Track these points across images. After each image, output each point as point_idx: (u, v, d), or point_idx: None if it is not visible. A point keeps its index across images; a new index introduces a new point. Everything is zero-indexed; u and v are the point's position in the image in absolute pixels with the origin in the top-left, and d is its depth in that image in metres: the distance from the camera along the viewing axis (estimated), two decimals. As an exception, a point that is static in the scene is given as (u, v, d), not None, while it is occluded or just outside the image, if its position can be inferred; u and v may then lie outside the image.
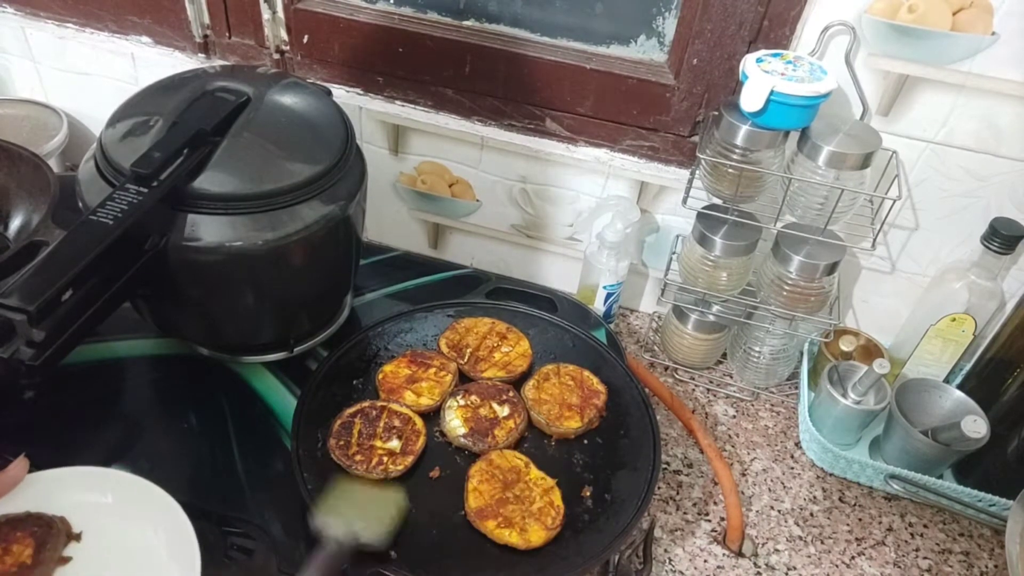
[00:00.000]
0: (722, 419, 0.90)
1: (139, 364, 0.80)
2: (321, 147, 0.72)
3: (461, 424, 0.72)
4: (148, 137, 0.67)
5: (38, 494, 0.60)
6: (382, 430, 0.70)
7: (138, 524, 0.60)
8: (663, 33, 0.86)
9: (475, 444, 0.71)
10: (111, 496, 0.62)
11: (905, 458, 0.81)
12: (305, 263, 0.72)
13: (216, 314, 0.75)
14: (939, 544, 0.79)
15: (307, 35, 0.93)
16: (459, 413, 0.73)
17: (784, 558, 0.76)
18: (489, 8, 0.89)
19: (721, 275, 0.86)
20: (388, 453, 0.69)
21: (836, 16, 0.75)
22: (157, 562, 0.59)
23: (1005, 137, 0.77)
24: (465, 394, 0.75)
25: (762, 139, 0.77)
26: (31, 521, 0.59)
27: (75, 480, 0.62)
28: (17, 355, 0.55)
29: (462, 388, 0.75)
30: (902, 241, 0.88)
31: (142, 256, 0.63)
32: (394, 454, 0.68)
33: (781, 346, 0.90)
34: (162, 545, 0.59)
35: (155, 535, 0.60)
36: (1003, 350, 0.82)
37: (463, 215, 1.03)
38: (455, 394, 0.75)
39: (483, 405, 0.74)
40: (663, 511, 0.79)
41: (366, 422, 0.71)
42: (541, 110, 0.90)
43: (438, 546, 0.64)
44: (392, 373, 0.76)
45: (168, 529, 0.59)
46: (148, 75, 1.01)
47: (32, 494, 0.60)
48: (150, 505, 0.61)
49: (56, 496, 0.61)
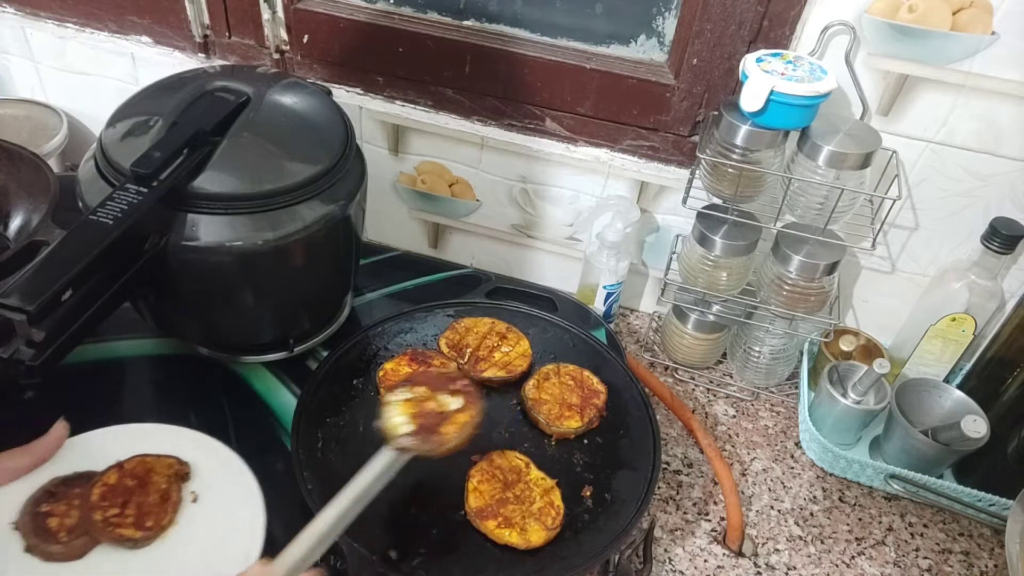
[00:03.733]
0: (722, 419, 0.90)
1: (139, 364, 0.80)
2: (321, 147, 0.72)
3: (407, 421, 0.59)
4: (148, 137, 0.67)
5: (82, 455, 0.61)
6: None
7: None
8: (663, 33, 0.86)
9: (420, 445, 0.58)
10: (155, 449, 0.63)
11: (905, 458, 0.81)
12: (305, 263, 0.72)
13: (216, 314, 0.75)
14: (939, 544, 0.79)
15: (307, 35, 0.93)
16: (404, 408, 0.61)
17: (784, 558, 0.76)
18: (489, 8, 0.89)
19: (721, 275, 0.86)
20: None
21: (836, 16, 0.75)
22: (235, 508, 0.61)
23: (1005, 137, 0.77)
24: (412, 385, 0.63)
25: (762, 139, 0.77)
26: (80, 481, 0.59)
27: (116, 438, 0.63)
28: (17, 355, 0.55)
29: (408, 379, 0.64)
30: (902, 241, 0.88)
31: (142, 256, 0.63)
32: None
33: (781, 346, 0.90)
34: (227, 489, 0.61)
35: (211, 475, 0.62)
36: (1003, 350, 0.82)
37: (463, 215, 1.03)
38: (398, 386, 0.63)
39: (431, 398, 0.62)
40: (663, 511, 0.79)
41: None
42: (541, 110, 0.90)
43: (438, 546, 0.64)
44: (393, 371, 0.76)
45: (220, 472, 0.61)
46: (148, 75, 1.01)
47: (77, 456, 0.61)
48: (200, 454, 0.63)
49: (101, 455, 0.61)
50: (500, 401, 0.77)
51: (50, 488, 0.58)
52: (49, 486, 0.58)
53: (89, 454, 0.61)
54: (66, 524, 0.57)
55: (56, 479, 0.59)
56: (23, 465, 0.56)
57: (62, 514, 0.57)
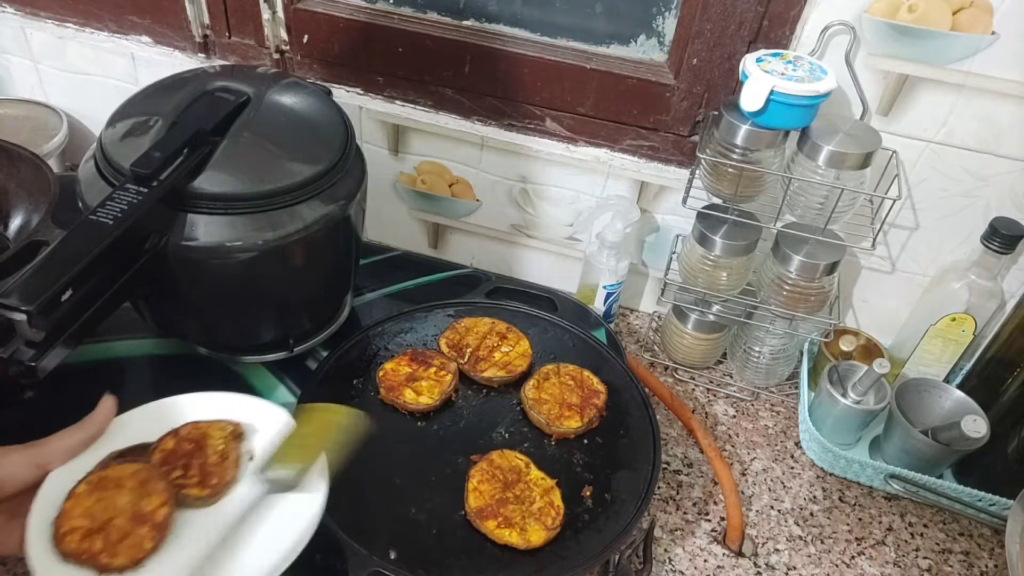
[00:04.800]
0: (722, 419, 0.90)
1: (139, 364, 0.80)
2: (321, 147, 0.71)
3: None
4: (148, 137, 0.67)
5: (134, 430, 0.60)
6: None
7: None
8: (663, 33, 0.86)
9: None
10: (207, 416, 0.62)
11: (905, 458, 0.81)
12: (305, 263, 0.72)
13: (216, 314, 0.75)
14: (939, 544, 0.79)
15: (307, 35, 0.93)
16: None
17: (784, 558, 0.76)
18: (489, 8, 0.89)
19: (721, 275, 0.86)
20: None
21: (836, 16, 0.75)
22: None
23: (1005, 137, 0.77)
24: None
25: (762, 139, 0.77)
26: (136, 452, 0.59)
27: (161, 411, 0.62)
28: (17, 355, 0.55)
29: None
30: (902, 241, 0.88)
31: (142, 256, 0.63)
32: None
33: (781, 346, 0.90)
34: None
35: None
36: (1003, 350, 0.82)
37: (463, 215, 1.03)
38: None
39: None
40: (663, 511, 0.79)
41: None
42: (541, 110, 0.90)
43: (438, 546, 0.64)
44: (392, 371, 0.76)
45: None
46: (148, 75, 1.01)
47: (129, 430, 0.60)
48: (251, 415, 0.62)
49: (153, 428, 0.60)
50: (500, 401, 0.77)
51: (107, 462, 0.58)
52: (107, 460, 0.58)
53: (140, 428, 0.60)
54: None
55: (112, 453, 0.58)
56: (79, 440, 0.56)
57: None
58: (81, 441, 0.56)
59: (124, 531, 0.53)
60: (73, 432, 0.56)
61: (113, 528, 0.53)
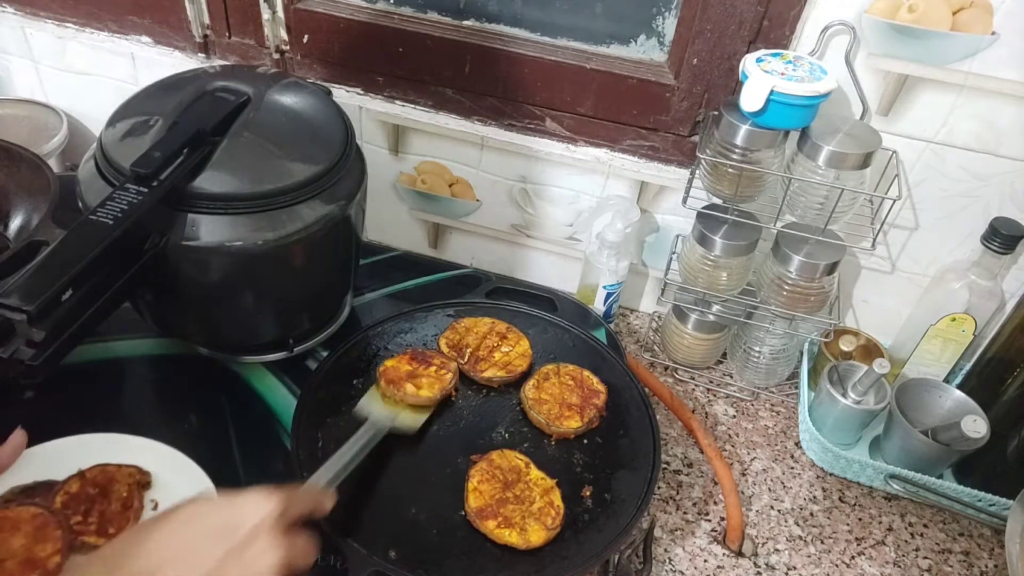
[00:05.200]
0: (722, 419, 0.90)
1: (139, 364, 0.81)
2: (321, 147, 0.71)
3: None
4: (148, 137, 0.67)
5: (42, 465, 0.60)
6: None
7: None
8: (663, 33, 0.86)
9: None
10: (115, 459, 0.63)
11: (905, 458, 0.81)
12: (305, 263, 0.72)
13: (216, 314, 0.75)
14: (939, 544, 0.79)
15: (307, 35, 0.93)
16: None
17: (784, 558, 0.76)
18: (489, 8, 0.89)
19: (721, 275, 0.86)
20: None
21: (836, 16, 0.75)
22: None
23: (1005, 137, 0.77)
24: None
25: (762, 139, 0.77)
26: (41, 490, 0.59)
27: (78, 448, 0.62)
28: (17, 355, 0.55)
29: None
30: (902, 241, 0.88)
31: (142, 256, 0.63)
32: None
33: (781, 346, 0.90)
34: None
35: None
36: (1003, 350, 0.82)
37: (463, 215, 1.03)
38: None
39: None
40: (663, 511, 0.79)
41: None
42: (541, 110, 0.90)
43: (438, 546, 0.64)
44: (394, 367, 0.76)
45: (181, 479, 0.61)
46: (148, 75, 1.01)
47: (37, 465, 0.60)
48: (159, 463, 0.62)
49: (62, 465, 0.61)
50: (500, 401, 0.77)
51: (9, 497, 0.58)
52: (8, 495, 0.58)
53: (49, 464, 0.61)
54: None
55: (15, 488, 0.59)
56: None
57: None
58: None
59: (13, 574, 0.53)
60: None
61: (3, 570, 0.53)
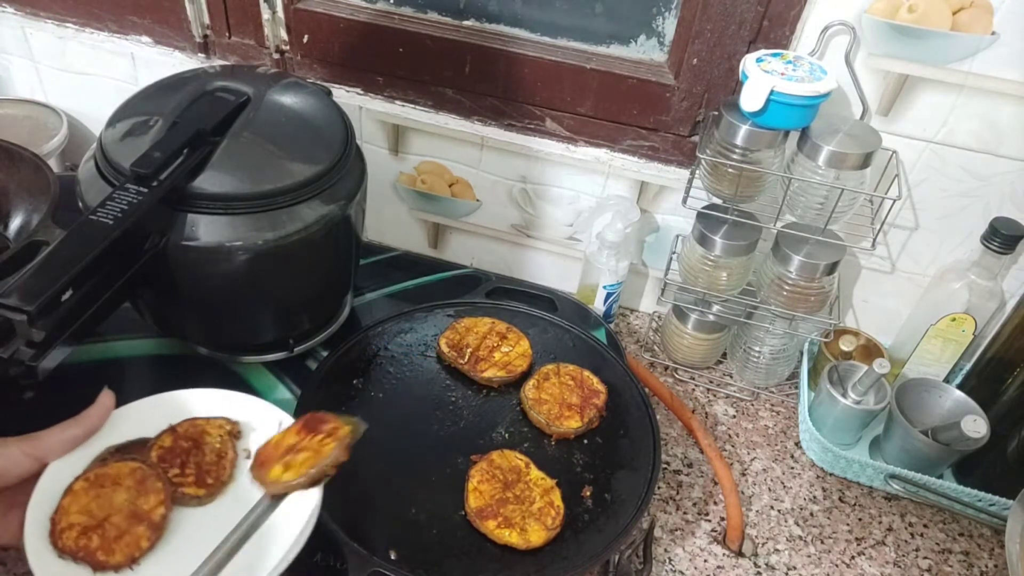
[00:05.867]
0: (722, 419, 0.90)
1: (139, 364, 0.80)
2: (321, 147, 0.71)
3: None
4: (148, 137, 0.67)
5: (133, 424, 0.60)
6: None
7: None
8: (663, 33, 0.86)
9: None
10: (204, 413, 0.62)
11: (905, 458, 0.81)
12: (305, 263, 0.72)
13: (216, 314, 0.75)
14: (939, 544, 0.79)
15: (307, 35, 0.93)
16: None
17: (784, 558, 0.76)
18: (489, 8, 0.89)
19: (721, 275, 0.86)
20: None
21: (836, 16, 0.75)
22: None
23: (1005, 137, 0.77)
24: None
25: (762, 139, 0.77)
26: (135, 447, 0.58)
27: (165, 405, 0.62)
28: (17, 355, 0.55)
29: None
30: (902, 241, 0.88)
31: (142, 256, 0.63)
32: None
33: (781, 346, 0.90)
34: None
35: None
36: (1003, 350, 0.82)
37: (463, 215, 1.03)
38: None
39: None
40: (663, 511, 0.79)
41: None
42: (541, 110, 0.90)
43: (438, 546, 0.64)
44: (274, 444, 0.60)
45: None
46: (148, 75, 1.01)
47: (127, 424, 0.60)
48: (245, 413, 0.62)
49: (153, 423, 0.60)
50: (500, 401, 0.77)
51: (105, 456, 0.58)
52: (104, 454, 0.58)
53: (139, 422, 0.60)
54: None
55: (110, 447, 0.58)
56: (76, 435, 0.56)
57: None
58: (79, 435, 0.56)
59: (121, 529, 0.53)
60: (71, 425, 0.56)
61: (110, 526, 0.53)
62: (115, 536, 0.53)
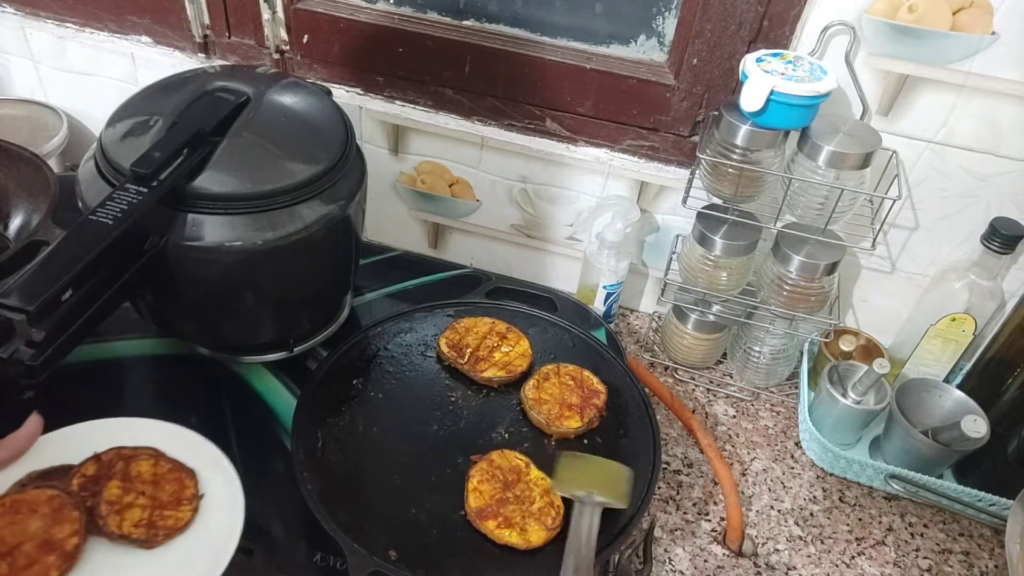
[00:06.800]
0: (722, 419, 0.90)
1: (139, 364, 0.80)
2: (321, 147, 0.71)
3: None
4: (148, 137, 0.67)
5: (58, 450, 0.60)
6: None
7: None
8: (663, 33, 0.86)
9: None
10: (130, 442, 0.62)
11: (905, 458, 0.81)
12: (305, 263, 0.72)
13: (216, 314, 0.75)
14: (939, 544, 0.79)
15: (307, 35, 0.93)
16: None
17: (784, 558, 0.76)
18: (489, 8, 0.89)
19: (721, 275, 0.86)
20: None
21: (836, 16, 0.75)
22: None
23: (1005, 137, 0.77)
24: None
25: (762, 139, 0.77)
26: (57, 474, 0.59)
27: (92, 433, 0.62)
28: (17, 355, 0.55)
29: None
30: (902, 241, 0.88)
31: (142, 256, 0.63)
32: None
33: (781, 346, 0.90)
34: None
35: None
36: (1003, 350, 0.82)
37: (463, 215, 1.03)
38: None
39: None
40: (663, 511, 0.79)
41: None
42: (541, 110, 0.90)
43: (438, 546, 0.64)
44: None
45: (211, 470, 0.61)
46: (148, 75, 1.01)
47: (53, 450, 0.60)
48: (170, 442, 0.62)
49: (78, 450, 0.61)
50: (500, 401, 0.77)
51: (25, 481, 0.58)
52: (25, 479, 0.58)
53: (65, 449, 0.61)
54: None
55: (32, 473, 0.59)
56: (1, 458, 0.55)
57: None
58: (4, 458, 0.55)
59: (31, 558, 0.52)
60: None
61: (20, 554, 0.52)
62: (24, 565, 0.52)
